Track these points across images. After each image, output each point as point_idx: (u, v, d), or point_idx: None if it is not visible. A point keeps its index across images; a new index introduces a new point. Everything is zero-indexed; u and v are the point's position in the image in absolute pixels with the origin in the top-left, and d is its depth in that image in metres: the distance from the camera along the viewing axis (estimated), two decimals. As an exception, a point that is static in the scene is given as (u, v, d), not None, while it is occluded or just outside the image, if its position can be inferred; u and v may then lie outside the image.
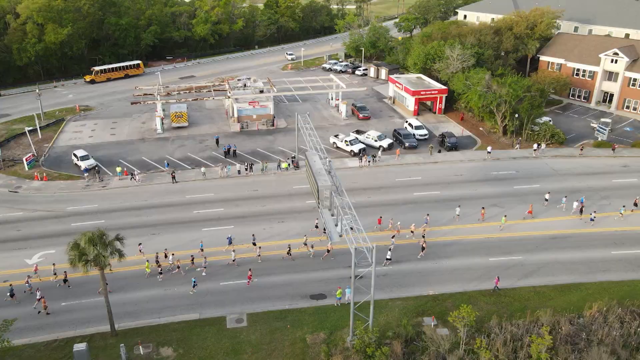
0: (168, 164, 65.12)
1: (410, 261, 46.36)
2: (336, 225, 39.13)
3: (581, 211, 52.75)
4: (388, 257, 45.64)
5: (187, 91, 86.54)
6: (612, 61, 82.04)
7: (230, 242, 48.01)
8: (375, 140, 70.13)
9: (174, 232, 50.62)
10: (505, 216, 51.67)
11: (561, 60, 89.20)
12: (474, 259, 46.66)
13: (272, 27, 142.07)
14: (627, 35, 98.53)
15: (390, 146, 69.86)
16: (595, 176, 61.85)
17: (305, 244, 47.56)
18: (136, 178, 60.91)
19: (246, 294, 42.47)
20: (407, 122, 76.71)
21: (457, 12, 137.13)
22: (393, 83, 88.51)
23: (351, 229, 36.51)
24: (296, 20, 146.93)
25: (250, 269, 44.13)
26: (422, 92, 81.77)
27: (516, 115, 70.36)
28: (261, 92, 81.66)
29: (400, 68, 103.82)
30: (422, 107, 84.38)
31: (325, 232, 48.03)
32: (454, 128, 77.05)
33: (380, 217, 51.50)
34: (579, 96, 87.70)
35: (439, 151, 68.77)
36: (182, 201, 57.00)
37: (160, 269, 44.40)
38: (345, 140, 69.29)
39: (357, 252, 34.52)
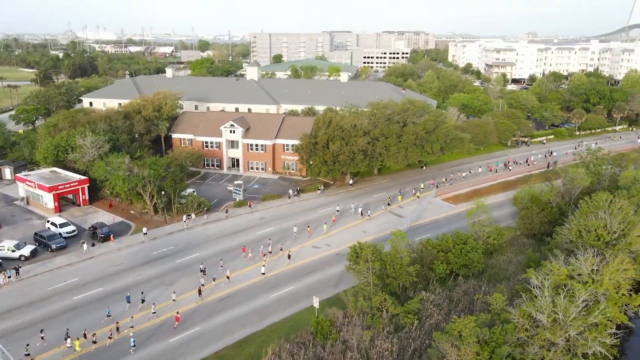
0: None
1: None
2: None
3: (362, 214, 74.67)
4: (262, 272, 57.16)
5: None
6: (231, 132, 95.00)
7: (128, 301, 50.47)
8: (13, 251, 60.88)
9: None
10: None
11: (190, 136, 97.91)
12: (152, 347, 45.47)
13: None
14: (237, 109, 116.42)
15: (34, 253, 61.86)
16: (243, 232, 69.74)
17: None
18: None
19: None
20: (49, 221, 69.56)
21: (81, 100, 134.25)
22: (23, 182, 79.11)
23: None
24: None
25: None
26: (60, 187, 75.81)
27: (163, 193, 73.16)
28: None
29: (29, 164, 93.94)
30: (65, 202, 78.20)
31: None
32: (104, 217, 74.14)
33: (245, 247, 62.60)
34: (213, 165, 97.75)
35: (93, 245, 64.87)
36: None
37: None
38: (-28, 260, 57.74)
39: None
